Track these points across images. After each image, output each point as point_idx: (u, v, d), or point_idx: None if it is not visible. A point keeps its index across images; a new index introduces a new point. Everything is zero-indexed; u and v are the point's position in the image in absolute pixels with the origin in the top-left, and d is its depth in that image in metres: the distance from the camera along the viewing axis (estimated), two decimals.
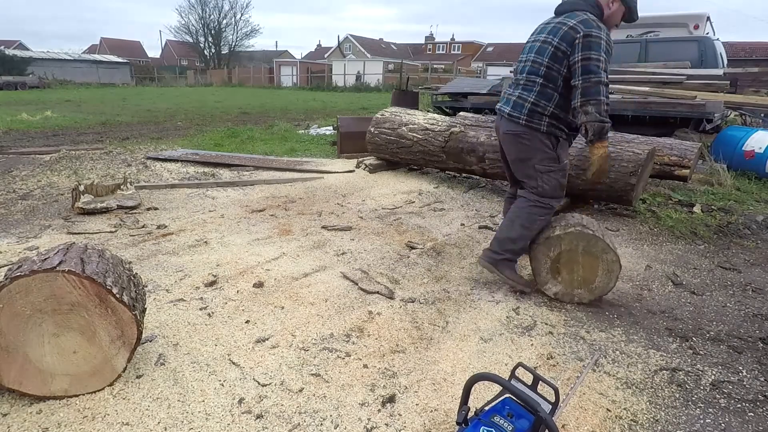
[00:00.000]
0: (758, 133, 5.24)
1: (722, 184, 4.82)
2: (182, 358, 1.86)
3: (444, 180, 5.04)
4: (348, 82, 32.19)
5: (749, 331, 2.21)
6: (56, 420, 1.52)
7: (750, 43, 22.29)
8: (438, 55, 49.67)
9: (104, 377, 1.64)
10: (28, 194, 4.16)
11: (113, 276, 1.64)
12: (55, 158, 5.65)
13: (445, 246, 3.16)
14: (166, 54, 59.52)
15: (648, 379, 1.84)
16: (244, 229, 3.40)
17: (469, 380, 1.30)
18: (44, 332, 1.54)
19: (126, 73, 38.99)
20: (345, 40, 48.68)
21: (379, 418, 1.59)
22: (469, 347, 2.01)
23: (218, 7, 49.95)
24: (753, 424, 1.62)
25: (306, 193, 4.44)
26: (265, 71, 38.95)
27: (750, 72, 7.22)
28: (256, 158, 5.94)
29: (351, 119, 6.58)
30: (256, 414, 1.58)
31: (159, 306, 2.24)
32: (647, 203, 4.18)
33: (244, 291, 2.43)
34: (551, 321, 2.25)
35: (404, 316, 2.24)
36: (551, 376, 1.83)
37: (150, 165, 5.43)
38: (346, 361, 1.88)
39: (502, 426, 1.21)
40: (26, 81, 25.60)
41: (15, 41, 47.80)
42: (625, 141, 3.76)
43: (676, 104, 5.64)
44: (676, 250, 3.23)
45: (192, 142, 7.37)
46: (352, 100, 18.99)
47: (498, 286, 2.59)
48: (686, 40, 7.82)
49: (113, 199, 3.72)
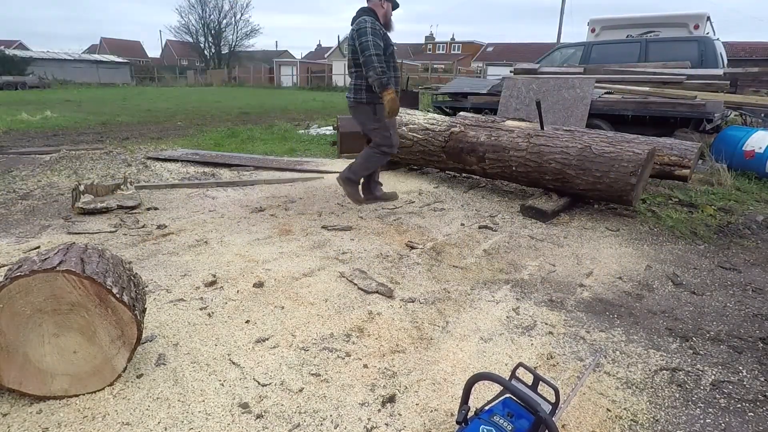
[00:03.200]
0: (758, 133, 5.24)
1: (722, 184, 4.82)
2: (182, 358, 1.86)
3: (444, 180, 5.04)
4: (348, 82, 32.15)
5: (749, 331, 2.21)
6: (56, 420, 1.52)
7: (750, 43, 22.29)
8: (438, 55, 49.65)
9: (104, 377, 1.64)
10: (28, 194, 4.16)
11: (113, 276, 1.64)
12: (55, 158, 5.65)
13: (445, 246, 3.16)
14: (166, 54, 59.52)
15: (648, 379, 1.84)
16: (244, 229, 3.40)
17: (470, 380, 1.30)
18: (44, 332, 1.54)
19: (126, 73, 38.98)
20: (345, 40, 48.64)
21: (379, 418, 1.59)
22: (469, 347, 2.01)
23: (218, 7, 49.78)
24: (753, 424, 1.62)
25: (306, 193, 4.44)
26: (265, 71, 38.96)
27: (750, 72, 7.20)
28: (256, 158, 5.94)
29: (351, 119, 6.53)
30: (256, 414, 1.58)
31: (159, 306, 2.24)
32: (647, 203, 4.18)
33: (244, 291, 2.43)
34: (551, 321, 2.25)
35: (404, 316, 2.24)
36: (551, 376, 1.83)
37: (150, 165, 5.43)
38: (346, 361, 1.88)
39: (502, 426, 1.21)
40: (26, 81, 25.59)
41: (15, 41, 47.79)
42: (625, 141, 3.76)
43: (676, 104, 5.64)
44: (676, 250, 3.23)
45: (192, 142, 7.37)
46: None
47: (498, 286, 2.59)
48: (686, 40, 7.81)
49: (113, 199, 3.72)
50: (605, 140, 3.79)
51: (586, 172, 3.71)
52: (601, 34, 9.41)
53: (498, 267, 2.85)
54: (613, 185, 3.60)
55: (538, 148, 3.99)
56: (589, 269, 2.86)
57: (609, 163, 3.60)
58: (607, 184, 3.62)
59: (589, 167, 3.69)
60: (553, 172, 3.90)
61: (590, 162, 3.69)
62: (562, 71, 7.39)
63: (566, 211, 3.95)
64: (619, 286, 2.65)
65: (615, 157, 3.60)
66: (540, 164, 3.97)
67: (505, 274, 2.76)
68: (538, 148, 3.99)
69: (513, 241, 3.28)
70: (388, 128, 3.78)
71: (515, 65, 9.19)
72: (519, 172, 4.16)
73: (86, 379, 1.61)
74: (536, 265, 2.90)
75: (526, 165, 4.06)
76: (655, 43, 7.85)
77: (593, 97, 5.86)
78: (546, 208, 3.75)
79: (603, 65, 7.58)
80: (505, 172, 4.29)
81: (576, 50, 8.65)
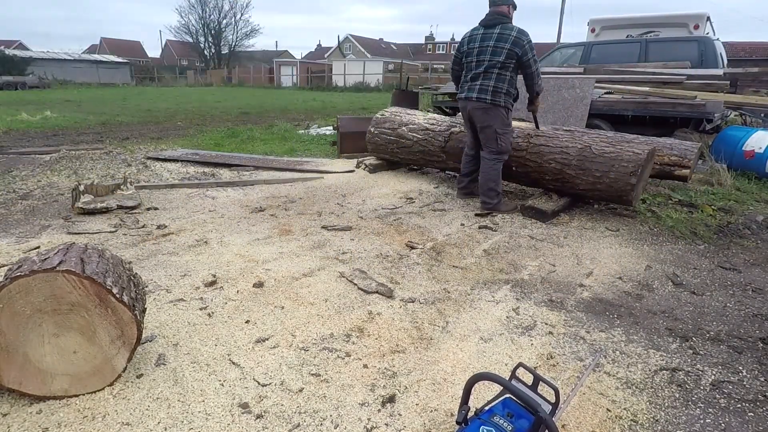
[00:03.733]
0: (758, 133, 5.24)
1: (722, 184, 4.82)
2: (182, 358, 1.86)
3: (444, 180, 5.04)
4: (348, 82, 32.18)
5: (749, 331, 2.21)
6: (56, 420, 1.52)
7: (750, 43, 22.29)
8: (438, 55, 49.67)
9: (104, 377, 1.64)
10: (28, 194, 4.16)
11: (113, 276, 1.64)
12: (55, 158, 5.65)
13: (445, 246, 3.16)
14: (166, 54, 59.52)
15: (648, 379, 1.84)
16: (244, 229, 3.40)
17: (470, 380, 1.30)
18: (44, 332, 1.54)
19: (126, 73, 38.98)
20: (345, 40, 48.69)
21: (379, 418, 1.59)
22: (469, 347, 2.01)
23: (218, 7, 49.87)
24: (753, 424, 1.62)
25: (306, 193, 4.44)
26: (265, 71, 38.95)
27: (750, 72, 7.20)
28: (256, 158, 5.94)
29: (351, 119, 6.57)
30: (256, 414, 1.58)
31: (159, 306, 2.24)
32: (647, 203, 4.18)
33: (244, 291, 2.43)
34: (551, 321, 2.25)
35: (404, 316, 2.24)
36: (551, 376, 1.83)
37: (150, 165, 5.43)
38: (346, 361, 1.88)
39: (502, 426, 1.21)
40: (26, 81, 25.60)
41: (15, 41, 47.83)
42: (625, 141, 3.76)
43: (676, 104, 5.63)
44: (676, 250, 3.23)
45: (192, 142, 7.37)
46: (352, 100, 18.99)
47: (498, 286, 2.59)
48: (686, 40, 7.81)
49: (113, 199, 3.72)
50: (605, 140, 3.79)
51: (586, 172, 3.71)
52: (601, 34, 9.41)
53: (498, 267, 2.85)
54: (613, 185, 3.60)
55: (538, 148, 3.99)
56: (589, 269, 2.86)
57: (609, 163, 3.60)
58: (607, 184, 3.62)
59: (589, 167, 3.69)
60: (553, 172, 3.90)
61: (590, 162, 3.69)
62: (562, 71, 7.39)
63: (566, 211, 3.95)
64: (619, 286, 2.65)
65: (615, 157, 3.60)
66: (540, 164, 3.96)
67: (505, 274, 2.76)
68: (538, 148, 3.99)
69: (513, 241, 3.28)
70: (513, 133, 4.03)
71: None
72: (519, 172, 4.16)
73: (86, 379, 1.61)
74: (536, 265, 2.90)
75: (526, 165, 4.06)
76: (655, 43, 7.85)
77: (593, 97, 5.86)
78: (546, 208, 3.75)
79: (603, 65, 7.57)
80: (505, 172, 4.28)
81: (576, 50, 8.64)
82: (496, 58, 3.69)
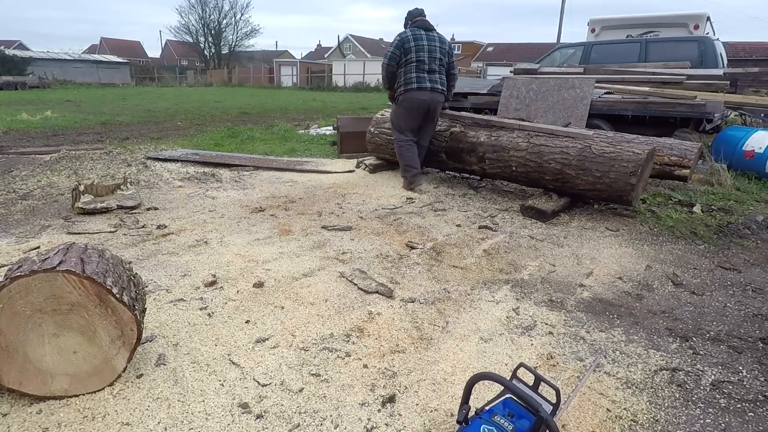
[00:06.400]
0: (758, 133, 5.24)
1: (722, 184, 4.82)
2: (182, 358, 1.86)
3: (444, 180, 5.04)
4: (348, 82, 32.18)
5: (749, 331, 2.21)
6: (56, 420, 1.52)
7: (750, 43, 22.30)
8: None
9: (104, 377, 1.64)
10: (28, 194, 4.16)
11: (113, 276, 1.64)
12: (55, 158, 5.65)
13: (445, 246, 3.16)
14: (166, 54, 59.53)
15: (648, 379, 1.84)
16: (244, 229, 3.40)
17: (471, 379, 1.30)
18: (44, 332, 1.53)
19: (126, 73, 38.98)
20: (345, 40, 48.65)
21: (379, 418, 1.59)
22: (469, 347, 2.01)
23: (218, 7, 50.08)
24: (753, 424, 1.62)
25: (306, 193, 4.44)
26: (265, 71, 38.95)
27: (750, 72, 7.20)
28: (256, 158, 5.94)
29: (351, 119, 6.57)
30: (256, 414, 1.58)
31: (159, 306, 2.24)
32: (647, 203, 4.18)
33: (244, 291, 2.43)
34: (551, 321, 2.25)
35: (404, 316, 2.24)
36: (551, 376, 1.83)
37: (150, 165, 5.43)
38: (346, 361, 1.88)
39: (503, 426, 1.21)
40: (26, 81, 25.58)
41: (15, 41, 47.84)
42: (625, 141, 3.76)
43: (676, 104, 5.63)
44: (676, 250, 3.23)
45: (192, 142, 7.37)
46: (352, 100, 18.99)
47: (498, 286, 2.59)
48: (686, 40, 7.81)
49: (113, 199, 3.72)
50: (605, 140, 3.79)
51: (586, 172, 3.72)
52: (601, 34, 9.42)
53: (498, 267, 2.85)
54: (613, 185, 3.60)
55: (538, 148, 3.99)
56: (589, 269, 2.86)
57: (609, 163, 3.60)
58: (607, 184, 3.62)
59: (589, 167, 3.70)
60: (553, 172, 3.90)
61: (590, 162, 3.69)
62: (562, 71, 7.39)
63: (566, 211, 3.95)
64: (619, 286, 2.65)
65: (615, 157, 3.60)
66: (540, 164, 3.97)
67: (505, 274, 2.76)
68: (538, 148, 3.99)
69: (513, 241, 3.28)
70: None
71: (515, 65, 9.20)
72: (519, 172, 4.16)
73: (86, 379, 1.61)
74: (536, 265, 2.90)
75: (526, 165, 4.07)
76: (655, 43, 7.86)
77: (593, 97, 5.86)
78: (546, 208, 3.75)
79: (603, 65, 7.58)
80: (505, 172, 4.29)
81: (576, 50, 8.65)
82: (444, 57, 4.36)
